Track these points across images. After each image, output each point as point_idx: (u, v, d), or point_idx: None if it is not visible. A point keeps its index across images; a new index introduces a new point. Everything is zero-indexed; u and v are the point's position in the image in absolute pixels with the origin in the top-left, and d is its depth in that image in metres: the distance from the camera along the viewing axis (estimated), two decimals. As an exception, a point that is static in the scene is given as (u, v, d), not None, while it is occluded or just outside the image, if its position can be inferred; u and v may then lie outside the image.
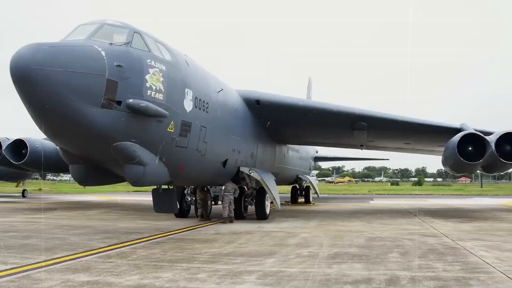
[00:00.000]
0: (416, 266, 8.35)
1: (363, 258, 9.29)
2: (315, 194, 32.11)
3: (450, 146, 18.99)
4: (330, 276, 7.47)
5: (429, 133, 21.83)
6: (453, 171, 21.79)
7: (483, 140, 18.40)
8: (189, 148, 13.39)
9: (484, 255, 9.61)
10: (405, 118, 20.54)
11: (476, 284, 6.95)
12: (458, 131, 19.76)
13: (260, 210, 18.17)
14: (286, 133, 22.60)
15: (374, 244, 11.32)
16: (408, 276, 7.46)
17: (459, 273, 7.77)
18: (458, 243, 11.58)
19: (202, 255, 9.64)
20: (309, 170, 33.95)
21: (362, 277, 7.43)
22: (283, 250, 10.29)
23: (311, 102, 24.72)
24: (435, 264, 8.60)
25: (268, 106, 18.75)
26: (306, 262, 8.76)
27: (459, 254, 9.80)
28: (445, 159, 20.11)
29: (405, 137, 23.63)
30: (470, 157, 18.57)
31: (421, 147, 27.32)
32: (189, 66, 13.65)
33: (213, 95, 15.03)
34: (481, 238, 12.66)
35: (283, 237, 12.66)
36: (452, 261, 8.89)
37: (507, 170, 23.24)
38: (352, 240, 12.13)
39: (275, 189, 18.46)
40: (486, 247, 10.81)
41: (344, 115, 19.86)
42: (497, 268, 8.15)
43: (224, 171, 16.63)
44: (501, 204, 31.78)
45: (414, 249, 10.48)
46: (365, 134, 21.55)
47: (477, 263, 8.75)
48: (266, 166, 20.67)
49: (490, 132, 19.56)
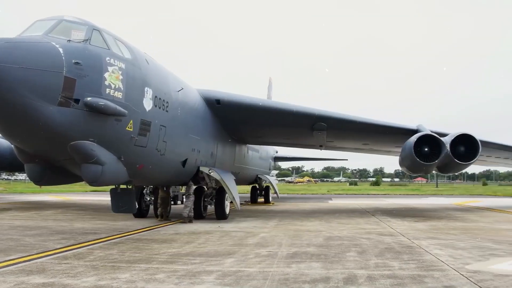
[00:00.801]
0: (373, 265, 8.49)
1: (322, 257, 9.38)
2: (274, 194, 32.26)
3: (407, 147, 19.37)
4: (289, 276, 7.51)
5: (387, 134, 22.19)
6: (409, 171, 22.22)
7: (439, 141, 18.87)
8: (149, 147, 13.25)
9: (439, 253, 9.84)
10: (364, 119, 20.85)
11: (431, 281, 7.10)
12: (414, 132, 20.18)
13: (220, 210, 18.14)
14: (246, 133, 22.62)
15: (332, 244, 11.44)
16: (366, 275, 7.58)
17: (415, 271, 7.93)
18: (414, 241, 11.82)
19: (160, 255, 9.56)
20: (268, 170, 34.08)
21: (321, 276, 7.50)
22: (242, 250, 10.30)
23: (271, 102, 24.82)
24: (391, 262, 8.75)
25: (228, 106, 18.73)
26: (265, 262, 8.79)
27: (414, 253, 10.00)
28: (402, 160, 20.49)
29: (363, 137, 23.99)
30: (426, 158, 18.99)
31: (379, 148, 27.75)
32: (149, 64, 13.52)
33: (173, 94, 14.91)
34: (436, 236, 12.95)
35: (242, 237, 12.67)
36: (408, 260, 9.07)
37: (461, 171, 23.84)
38: (311, 239, 12.24)
39: (235, 189, 18.46)
40: (441, 246, 11.07)
41: (304, 116, 20.00)
42: (450, 266, 8.36)
43: (183, 171, 16.53)
44: (455, 203, 32.59)
45: (371, 248, 10.64)
46: (324, 135, 21.75)
47: (432, 261, 8.95)
48: (226, 166, 20.66)
49: (445, 134, 20.02)
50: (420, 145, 19.03)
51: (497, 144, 24.23)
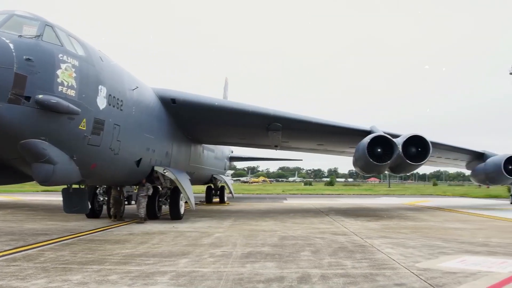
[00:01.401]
0: (326, 264, 8.59)
1: (276, 257, 9.43)
2: (230, 194, 32.25)
3: (360, 148, 19.69)
4: (243, 276, 7.53)
5: (341, 135, 22.49)
6: (363, 172, 22.60)
7: (391, 142, 19.27)
8: (102, 146, 13.04)
9: (390, 252, 10.04)
10: (319, 120, 21.07)
11: (382, 280, 7.24)
12: (368, 133, 20.53)
13: (174, 210, 18.01)
14: (202, 133, 22.54)
15: (287, 243, 11.52)
16: (319, 274, 7.66)
17: (367, 269, 8.07)
18: (366, 241, 12.03)
19: (113, 256, 9.42)
20: (224, 170, 34.05)
21: (275, 275, 7.54)
22: (197, 250, 10.26)
23: (227, 102, 24.80)
24: (344, 261, 8.88)
25: (184, 105, 18.61)
26: (219, 262, 8.78)
27: (367, 252, 10.17)
28: (356, 160, 20.82)
29: (318, 138, 24.25)
30: (379, 159, 19.36)
31: (334, 148, 28.09)
32: (103, 62, 13.30)
33: (128, 93, 14.72)
34: (387, 236, 13.21)
35: (197, 237, 12.62)
36: (361, 258, 9.22)
37: (413, 171, 24.39)
38: (265, 239, 12.29)
39: (190, 188, 18.36)
40: (392, 244, 11.30)
41: (260, 116, 20.06)
42: (401, 264, 8.54)
43: (138, 171, 16.34)
44: (407, 203, 33.33)
45: (325, 247, 10.77)
46: (279, 135, 21.89)
47: (383, 259, 9.13)
48: (181, 166, 20.53)
49: (397, 135, 20.45)
50: (373, 146, 19.40)
51: (447, 145, 24.91)
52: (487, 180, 27.90)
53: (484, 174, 26.87)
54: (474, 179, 29.69)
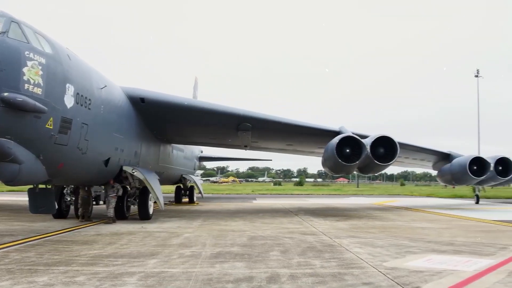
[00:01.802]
0: (295, 264, 8.63)
1: (245, 257, 9.44)
2: (199, 194, 32.12)
3: (329, 148, 19.84)
4: (212, 276, 7.51)
5: (310, 135, 22.63)
6: (332, 172, 22.78)
7: (360, 143, 19.46)
8: (69, 146, 12.86)
9: (359, 251, 10.14)
10: (288, 120, 21.16)
11: (351, 279, 7.31)
12: (337, 134, 20.72)
13: (143, 210, 17.86)
14: (171, 132, 22.42)
15: (256, 243, 11.54)
16: (288, 274, 7.69)
17: (335, 269, 8.14)
18: (335, 240, 12.12)
19: (81, 257, 9.30)
20: (193, 170, 33.92)
21: (244, 275, 7.55)
22: (166, 251, 10.19)
23: (197, 102, 24.71)
24: (313, 261, 8.93)
25: (153, 105, 18.46)
26: (188, 262, 8.74)
27: (335, 251, 10.25)
28: (325, 160, 20.97)
29: (287, 138, 24.36)
30: (348, 159, 19.55)
31: (303, 149, 28.25)
32: (71, 60, 13.10)
33: (96, 91, 14.54)
34: (356, 235, 13.34)
35: (166, 237, 12.54)
36: (329, 258, 9.29)
37: (381, 171, 24.71)
38: (235, 239, 12.29)
39: (159, 188, 18.24)
40: (360, 244, 11.42)
41: (229, 116, 20.05)
42: (369, 263, 8.64)
43: (106, 170, 16.16)
44: (375, 203, 33.74)
45: (294, 247, 10.82)
46: (249, 135, 21.90)
47: (352, 259, 9.22)
48: (150, 166, 20.38)
49: (366, 136, 20.67)
50: (342, 147, 19.57)
51: (414, 146, 25.29)
52: (453, 181, 28.41)
53: (450, 174, 27.36)
54: (440, 180, 30.20)
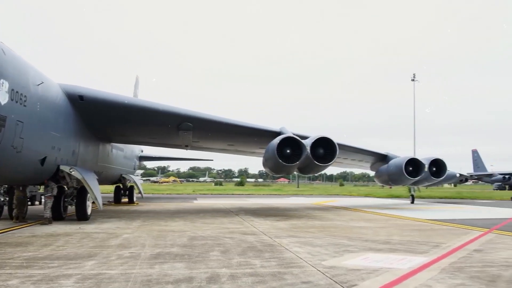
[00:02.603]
0: (236, 264, 8.65)
1: (185, 257, 9.38)
2: (139, 194, 31.71)
3: (270, 149, 20.00)
4: (151, 277, 7.42)
5: (252, 136, 22.74)
6: (272, 172, 22.94)
7: (300, 144, 19.71)
8: (3, 144, 12.42)
9: (298, 251, 10.26)
10: (229, 121, 21.19)
11: (290, 278, 7.39)
12: (278, 134, 20.91)
13: (81, 210, 17.45)
14: (111, 131, 22.02)
15: (196, 243, 11.49)
16: (228, 274, 7.70)
17: (275, 268, 8.20)
18: (275, 240, 12.22)
19: (14, 259, 8.98)
20: (133, 170, 33.43)
21: (184, 276, 7.50)
22: (104, 252, 10.00)
23: (138, 100, 24.36)
24: (253, 261, 8.97)
25: (92, 103, 18.06)
26: (127, 263, 8.60)
27: (275, 251, 10.34)
28: (266, 161, 21.11)
29: (229, 138, 24.39)
30: (288, 159, 19.75)
31: (244, 149, 28.34)
32: (6, 55, 12.65)
33: (32, 88, 14.09)
34: (295, 235, 13.49)
35: (104, 238, 12.30)
36: (269, 258, 9.36)
37: (321, 172, 25.08)
38: (175, 239, 12.19)
39: (97, 188, 17.88)
40: (300, 243, 11.55)
41: (171, 115, 19.88)
42: (308, 263, 8.76)
43: (42, 170, 15.70)
44: (315, 203, 34.23)
45: (234, 247, 10.83)
46: (190, 135, 21.80)
47: (291, 258, 9.32)
48: (89, 165, 19.94)
49: (306, 136, 20.95)
50: (282, 147, 19.76)
51: (352, 147, 25.86)
52: (390, 181, 29.23)
53: (387, 175, 28.12)
54: (378, 180, 31.00)
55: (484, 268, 8.34)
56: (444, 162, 27.87)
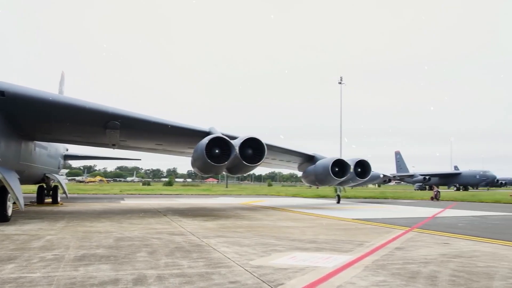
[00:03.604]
0: (163, 264, 8.57)
1: (111, 258, 9.20)
2: (63, 194, 30.77)
3: (199, 148, 19.96)
4: (76, 280, 7.23)
5: (180, 135, 22.60)
6: (201, 172, 22.89)
7: (229, 144, 19.79)
8: None
9: (226, 251, 10.29)
10: (158, 120, 20.96)
11: (218, 278, 7.40)
12: (207, 134, 20.91)
13: (1, 211, 16.74)
14: (34, 129, 21.22)
15: (123, 244, 11.29)
16: (155, 275, 7.62)
17: (203, 268, 8.19)
18: (203, 240, 12.20)
19: None
20: (57, 169, 32.40)
21: (109, 278, 7.36)
22: (25, 254, 9.64)
23: (63, 97, 23.59)
24: (181, 261, 8.92)
25: (14, 99, 17.32)
26: (50, 266, 8.34)
27: (203, 251, 10.32)
28: (194, 160, 21.05)
29: (157, 138, 24.10)
30: (217, 159, 19.78)
31: (173, 149, 28.11)
32: None
33: None
34: (224, 235, 13.52)
35: (26, 240, 11.86)
36: (197, 258, 9.33)
37: (249, 172, 25.25)
38: (101, 240, 11.93)
39: (19, 188, 17.20)
40: (228, 243, 11.59)
41: (97, 113, 19.42)
42: (236, 262, 8.80)
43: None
44: (243, 203, 34.45)
45: (161, 248, 10.73)
46: (117, 134, 21.38)
47: (219, 258, 9.33)
48: (10, 164, 19.13)
49: (235, 137, 21.07)
50: (211, 147, 19.77)
51: (281, 148, 26.21)
52: (317, 181, 29.82)
53: (314, 175, 28.68)
54: (305, 180, 31.55)
55: (405, 265, 8.68)
56: (369, 163, 28.78)
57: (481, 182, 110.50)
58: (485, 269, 8.33)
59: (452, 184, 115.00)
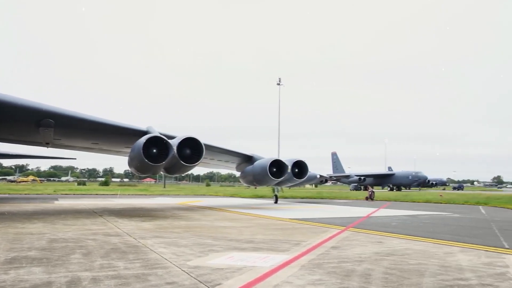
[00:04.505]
0: (98, 266, 8.40)
1: (44, 261, 8.94)
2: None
3: (136, 148, 19.70)
4: (5, 283, 6.99)
5: (117, 135, 22.26)
6: (138, 172, 22.62)
7: (167, 143, 19.63)
8: None
9: (163, 252, 10.20)
10: (94, 118, 20.54)
11: (154, 279, 7.33)
12: (144, 133, 20.66)
13: None
14: (-39, 127, 20.38)
15: (56, 246, 11.00)
16: (90, 277, 7.46)
17: (139, 270, 8.09)
18: (140, 241, 12.05)
19: None
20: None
21: (42, 281, 7.15)
22: (-49, 257, 9.25)
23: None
24: (117, 263, 8.78)
25: None
26: (-22, 269, 8.03)
27: (140, 252, 10.19)
28: (131, 160, 20.77)
29: (93, 137, 23.63)
30: (155, 159, 19.58)
31: (109, 148, 27.63)
32: None
33: None
34: (161, 235, 13.40)
35: (-48, 243, 11.37)
36: (134, 259, 9.21)
37: (187, 172, 25.15)
38: (33, 242, 11.57)
39: None
40: (165, 244, 11.50)
41: (30, 111, 18.83)
42: (173, 263, 8.74)
43: None
44: (181, 203, 34.24)
45: (97, 249, 10.52)
46: (51, 132, 20.80)
47: (156, 259, 9.24)
48: None
49: (174, 136, 20.92)
50: (149, 147, 19.56)
51: (219, 148, 26.23)
52: (255, 181, 30.01)
53: (252, 175, 28.86)
54: (243, 180, 31.69)
55: (340, 263, 8.87)
56: (306, 163, 29.25)
57: (413, 182, 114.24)
58: (416, 267, 8.64)
59: (386, 185, 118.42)
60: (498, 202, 36.82)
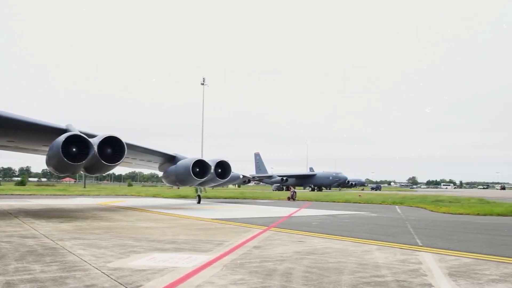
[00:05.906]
0: (12, 270, 8.08)
1: (-47, 265, 8.52)
2: None
3: (54, 146, 19.10)
4: None
5: (35, 132, 21.48)
6: (57, 171, 21.95)
7: (87, 142, 19.14)
8: None
9: (82, 253, 9.96)
10: (8, 114, 19.71)
11: (73, 282, 7.14)
12: (64, 131, 20.04)
13: None
14: None
15: (-33, 249, 10.50)
16: (3, 281, 7.18)
17: (57, 272, 7.86)
18: (57, 243, 11.70)
19: None
20: None
21: (-50, 286, 6.82)
22: None
23: None
24: (33, 266, 8.49)
25: None
26: None
27: (58, 254, 9.90)
28: (49, 159, 20.12)
29: (8, 134, 22.62)
30: (75, 158, 19.05)
31: (26, 146, 26.59)
32: None
33: None
34: (80, 237, 13.06)
35: None
36: (51, 262, 8.93)
37: (109, 171, 24.66)
38: None
39: None
40: (84, 246, 11.22)
41: None
42: (93, 265, 8.55)
43: None
44: (101, 203, 33.48)
45: (11, 252, 10.12)
46: (-40, 129, 19.80)
47: (75, 261, 9.00)
48: None
49: (95, 135, 20.44)
50: (68, 145, 19.01)
51: (142, 147, 25.88)
52: (178, 182, 29.85)
53: (175, 175, 28.67)
54: (166, 180, 31.43)
55: (262, 263, 8.99)
56: (229, 164, 29.38)
57: (334, 183, 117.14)
58: (336, 265, 8.90)
59: (308, 185, 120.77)
60: (412, 202, 38.48)
